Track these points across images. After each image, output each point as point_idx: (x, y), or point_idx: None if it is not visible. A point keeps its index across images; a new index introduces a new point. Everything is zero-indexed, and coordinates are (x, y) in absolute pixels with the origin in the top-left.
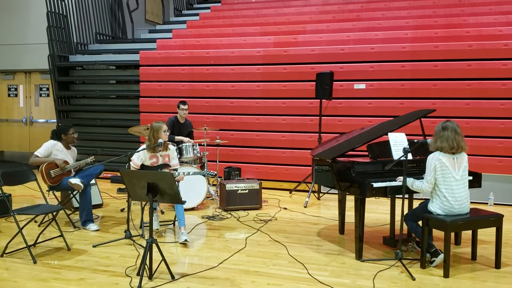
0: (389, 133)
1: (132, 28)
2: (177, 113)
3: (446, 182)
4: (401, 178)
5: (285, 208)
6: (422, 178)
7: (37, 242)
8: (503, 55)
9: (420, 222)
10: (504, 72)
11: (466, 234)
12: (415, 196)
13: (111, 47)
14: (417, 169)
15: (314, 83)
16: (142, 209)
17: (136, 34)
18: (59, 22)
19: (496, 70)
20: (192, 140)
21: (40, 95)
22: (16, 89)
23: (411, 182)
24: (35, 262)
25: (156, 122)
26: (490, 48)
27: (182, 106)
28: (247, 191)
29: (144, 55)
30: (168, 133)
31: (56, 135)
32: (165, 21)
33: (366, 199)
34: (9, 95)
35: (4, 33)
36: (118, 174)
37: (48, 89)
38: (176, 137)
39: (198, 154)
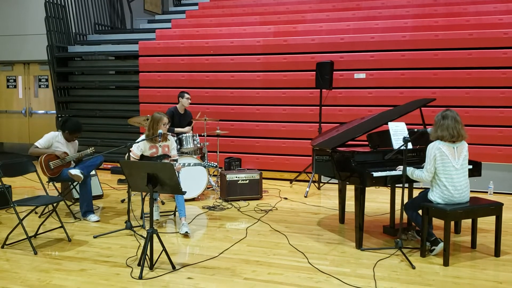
0: (389, 123)
1: (131, 18)
2: (176, 103)
3: (446, 171)
4: (401, 167)
5: (286, 198)
6: (422, 167)
7: (38, 233)
8: (503, 44)
9: (420, 211)
10: (504, 60)
11: (466, 223)
12: (415, 185)
13: (110, 38)
14: (417, 158)
15: (314, 72)
16: (143, 199)
17: (135, 24)
18: (58, 12)
19: (496, 59)
20: (191, 128)
21: (39, 86)
22: (15, 80)
23: (411, 171)
24: (36, 253)
25: (157, 113)
26: (490, 36)
27: (187, 95)
28: (247, 181)
29: (143, 46)
30: (168, 126)
31: (61, 127)
32: (164, 11)
33: (366, 188)
34: (8, 86)
35: (2, 23)
36: (118, 165)
37: (47, 80)
38: (176, 129)
39: (198, 145)
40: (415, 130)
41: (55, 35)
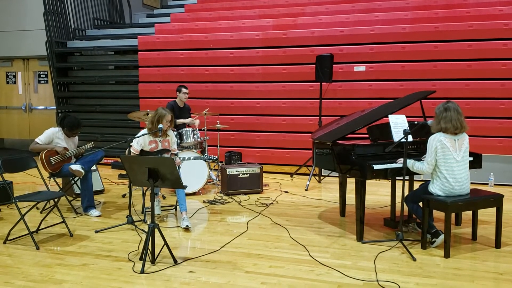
0: (389, 115)
1: (129, 13)
2: (175, 98)
3: (447, 164)
4: (401, 160)
5: (286, 192)
6: (423, 160)
7: (40, 228)
8: (503, 35)
9: (420, 204)
10: (504, 52)
11: (467, 215)
12: (415, 177)
13: (109, 32)
14: (418, 150)
15: (314, 66)
16: (144, 194)
17: (134, 19)
18: (56, 7)
19: (497, 50)
20: (190, 120)
21: (39, 81)
22: (14, 76)
23: (412, 164)
24: (38, 249)
25: (163, 109)
26: (491, 28)
27: (184, 90)
28: (248, 175)
29: (142, 40)
30: (169, 124)
31: (59, 124)
32: (163, 5)
33: (367, 181)
34: (7, 82)
35: (1, 19)
36: (119, 160)
37: (46, 75)
38: (178, 120)
39: (199, 139)
40: (416, 122)
41: (54, 31)
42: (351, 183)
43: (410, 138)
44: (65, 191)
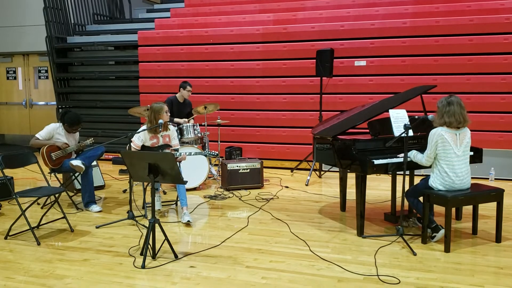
0: (390, 110)
1: (129, 8)
2: (176, 93)
3: (447, 158)
4: (402, 154)
5: (287, 187)
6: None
7: (40, 224)
8: (504, 29)
9: (421, 198)
10: (505, 46)
11: (467, 209)
12: (416, 172)
13: (109, 28)
14: (418, 145)
15: (314, 60)
16: (144, 189)
17: (134, 14)
18: (56, 3)
19: (498, 44)
20: (187, 120)
21: (39, 77)
22: (14, 72)
23: (414, 154)
24: (39, 244)
25: (156, 104)
26: (492, 22)
27: (189, 88)
28: (248, 170)
29: (143, 35)
30: (169, 114)
31: (60, 120)
32: (162, 0)
33: (367, 176)
34: (7, 78)
35: (1, 15)
36: (119, 155)
37: (47, 71)
38: (175, 119)
39: (199, 134)
40: (416, 117)
41: (54, 26)
42: (351, 178)
43: (410, 132)
44: (66, 186)
